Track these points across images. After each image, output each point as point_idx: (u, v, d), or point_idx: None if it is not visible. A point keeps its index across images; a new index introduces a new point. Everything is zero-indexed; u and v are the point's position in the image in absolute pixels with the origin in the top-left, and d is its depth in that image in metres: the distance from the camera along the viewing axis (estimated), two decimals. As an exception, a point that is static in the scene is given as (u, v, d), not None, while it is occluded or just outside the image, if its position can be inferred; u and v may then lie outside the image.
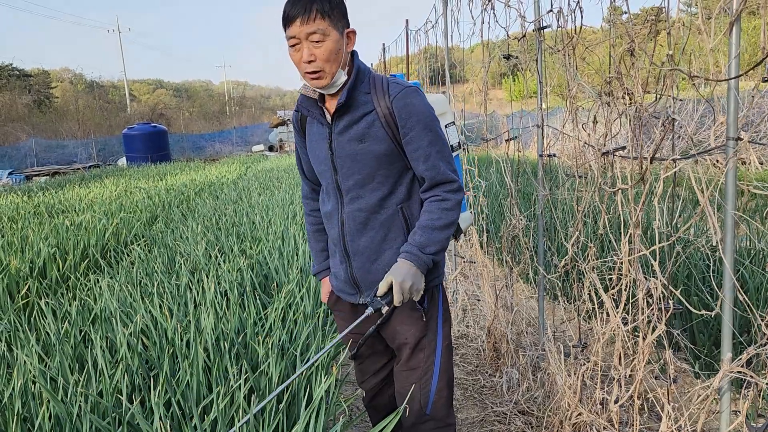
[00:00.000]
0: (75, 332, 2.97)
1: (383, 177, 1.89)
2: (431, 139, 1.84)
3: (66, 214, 7.97)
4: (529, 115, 3.94)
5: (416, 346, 2.00)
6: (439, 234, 1.84)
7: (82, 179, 15.32)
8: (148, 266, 4.53)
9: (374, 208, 1.92)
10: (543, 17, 2.72)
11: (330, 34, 1.75)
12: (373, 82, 1.87)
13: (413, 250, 1.83)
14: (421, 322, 1.98)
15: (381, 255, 1.94)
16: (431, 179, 1.86)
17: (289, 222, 5.79)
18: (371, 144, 1.85)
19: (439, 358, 2.02)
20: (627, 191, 1.98)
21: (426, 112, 1.84)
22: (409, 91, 1.83)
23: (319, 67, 1.77)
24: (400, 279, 1.79)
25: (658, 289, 1.87)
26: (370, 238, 1.94)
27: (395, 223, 1.93)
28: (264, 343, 2.62)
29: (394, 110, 1.81)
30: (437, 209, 1.85)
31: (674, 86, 1.88)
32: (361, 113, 1.85)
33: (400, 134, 1.84)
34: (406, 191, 1.93)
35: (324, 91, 1.85)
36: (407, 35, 7.00)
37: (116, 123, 34.12)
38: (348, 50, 1.83)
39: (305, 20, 1.72)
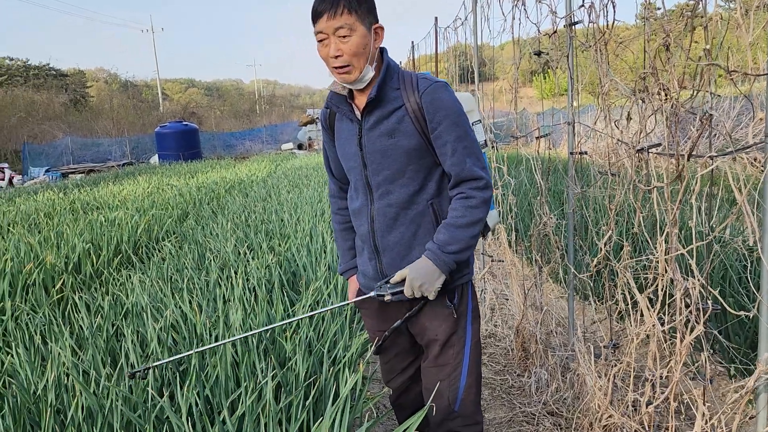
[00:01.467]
0: (107, 326, 3.03)
1: (413, 172, 1.89)
2: (459, 134, 1.83)
3: (100, 210, 8.13)
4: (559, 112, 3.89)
5: (446, 343, 1.99)
6: (462, 232, 1.83)
7: (115, 177, 15.63)
8: (178, 262, 4.59)
9: (404, 204, 1.91)
10: (574, 13, 2.68)
11: (357, 29, 1.75)
12: (402, 78, 1.88)
13: (434, 249, 1.83)
14: (451, 319, 1.97)
15: (411, 251, 1.94)
16: (457, 175, 1.85)
17: (317, 220, 5.81)
18: (401, 139, 1.85)
19: (468, 354, 2.01)
20: (662, 189, 1.93)
21: (454, 108, 1.84)
22: (438, 86, 1.83)
23: (346, 62, 1.77)
24: (412, 275, 1.81)
25: (696, 289, 1.82)
26: (400, 233, 1.94)
27: (425, 218, 1.92)
28: (291, 340, 2.63)
29: (423, 105, 1.81)
30: (461, 207, 1.84)
31: (712, 82, 1.83)
32: (391, 108, 1.86)
33: (428, 129, 1.84)
34: (436, 187, 1.92)
35: (352, 86, 1.86)
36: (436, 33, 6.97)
37: (149, 121, 34.72)
38: (376, 46, 1.84)
39: (332, 15, 1.73)
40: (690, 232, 1.89)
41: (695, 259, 1.78)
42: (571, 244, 2.95)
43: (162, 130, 24.24)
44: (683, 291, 1.82)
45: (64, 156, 25.30)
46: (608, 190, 2.40)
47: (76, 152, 25.97)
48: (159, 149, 24.07)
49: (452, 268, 1.85)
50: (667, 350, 1.98)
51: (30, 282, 4.28)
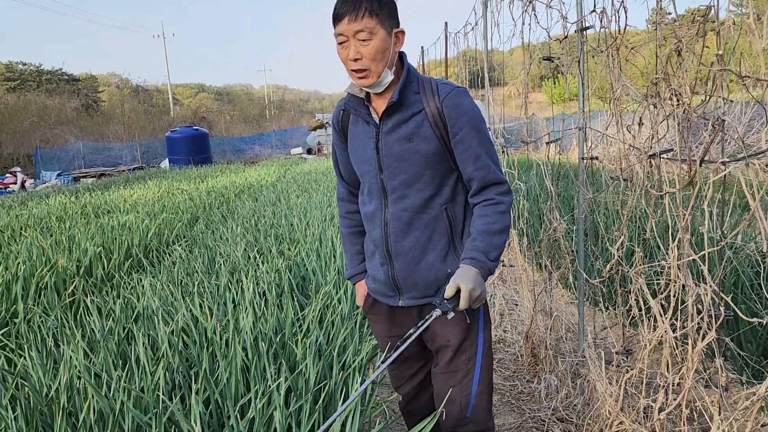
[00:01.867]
0: (119, 329, 3.05)
1: (430, 177, 1.89)
2: (481, 139, 1.84)
3: (111, 214, 8.18)
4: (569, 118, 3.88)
5: (458, 349, 1.98)
6: (498, 238, 1.84)
7: (126, 181, 15.73)
8: (189, 266, 4.62)
9: (419, 209, 1.91)
10: (585, 18, 2.68)
11: (377, 32, 1.75)
12: (422, 82, 1.88)
13: (479, 257, 1.81)
14: (464, 324, 1.96)
15: (425, 256, 1.93)
16: (482, 179, 1.86)
17: (326, 224, 5.82)
18: (419, 143, 1.85)
19: (479, 360, 1.99)
20: (674, 195, 1.92)
21: (476, 113, 1.85)
22: (459, 92, 1.84)
23: (365, 66, 1.78)
24: (470, 286, 1.75)
25: (708, 296, 1.81)
26: (415, 238, 1.93)
27: (439, 224, 1.92)
28: (301, 344, 2.64)
29: (444, 110, 1.82)
30: (493, 213, 1.85)
31: (724, 87, 1.82)
32: (411, 113, 1.86)
33: (449, 134, 1.84)
34: (451, 192, 1.93)
35: (370, 90, 1.86)
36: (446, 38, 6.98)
37: (160, 126, 34.91)
38: (396, 50, 1.84)
39: (353, 18, 1.73)
40: (702, 238, 1.88)
41: (707, 265, 1.77)
42: (582, 249, 2.94)
43: (172, 134, 24.37)
44: (695, 297, 1.81)
45: (75, 160, 25.49)
46: (620, 195, 2.39)
47: (87, 156, 26.16)
48: (169, 153, 24.20)
49: (492, 273, 1.86)
50: (679, 357, 1.97)
51: (42, 285, 4.31)
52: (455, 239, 1.94)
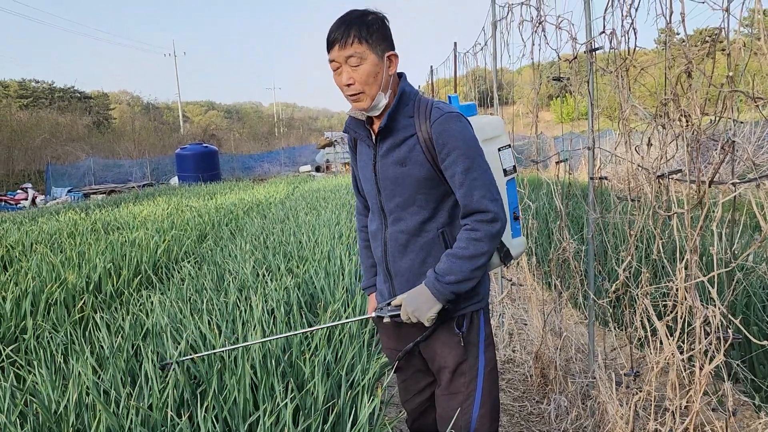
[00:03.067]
0: (128, 346, 3.05)
1: (423, 201, 1.90)
2: (467, 166, 1.82)
3: (121, 231, 8.23)
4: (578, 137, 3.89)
5: (456, 371, 1.98)
6: (463, 264, 1.81)
7: (136, 197, 15.83)
8: (197, 283, 4.63)
9: (415, 231, 1.93)
10: (595, 39, 2.70)
11: (367, 57, 1.79)
12: (418, 105, 1.89)
13: (431, 276, 1.84)
14: (460, 347, 1.95)
15: (420, 278, 1.94)
16: (465, 207, 1.85)
17: (335, 242, 5.82)
18: (411, 168, 1.87)
19: (480, 383, 1.98)
20: (683, 216, 1.92)
21: (464, 139, 1.82)
22: (450, 117, 1.82)
23: (358, 90, 1.82)
24: (407, 301, 1.85)
25: (717, 318, 1.80)
26: (410, 260, 1.95)
27: (435, 246, 1.93)
28: (310, 362, 2.63)
29: (433, 135, 1.82)
30: (465, 238, 1.83)
31: (734, 108, 1.83)
32: (403, 137, 1.88)
33: (438, 159, 1.84)
34: (448, 216, 1.93)
35: (366, 113, 1.89)
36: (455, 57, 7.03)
37: (170, 143, 35.23)
38: (390, 73, 1.86)
39: (343, 45, 1.78)
40: (711, 259, 1.88)
41: (716, 287, 1.76)
42: (592, 269, 2.93)
43: (182, 151, 24.56)
44: (703, 319, 1.80)
45: (86, 177, 25.72)
46: (628, 215, 2.39)
47: (98, 173, 26.40)
48: (179, 170, 24.37)
49: (449, 298, 1.83)
50: (687, 379, 1.96)
51: (52, 301, 4.33)
52: None
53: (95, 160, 27.12)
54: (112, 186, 24.18)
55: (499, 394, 2.10)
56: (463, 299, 1.91)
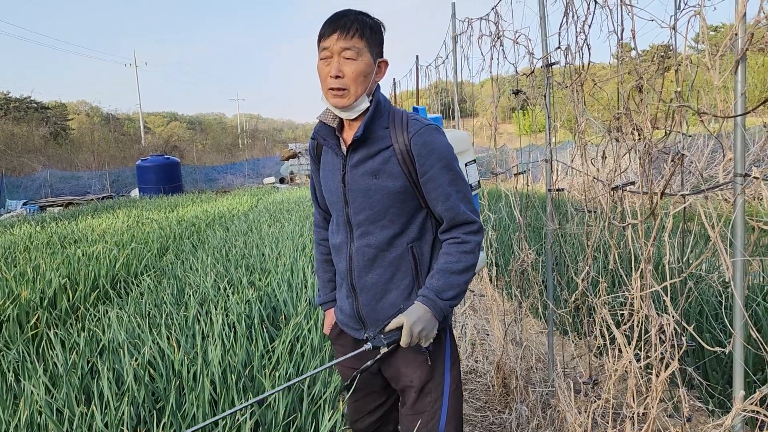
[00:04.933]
0: (83, 363, 2.97)
1: (394, 215, 1.84)
2: (451, 178, 1.79)
3: (78, 244, 8.02)
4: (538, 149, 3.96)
5: (422, 390, 1.93)
6: (457, 278, 1.79)
7: (95, 210, 15.47)
8: (157, 297, 4.54)
9: (383, 246, 1.86)
10: (551, 54, 2.75)
11: (364, 55, 1.74)
12: (393, 117, 1.84)
13: (430, 295, 1.77)
14: (426, 366, 1.91)
15: (387, 294, 1.89)
16: (450, 220, 1.81)
17: (298, 254, 5.79)
18: (385, 180, 1.81)
19: (446, 402, 1.94)
20: (637, 226, 1.97)
21: (446, 151, 1.80)
22: (430, 129, 1.79)
23: (344, 85, 1.75)
24: (412, 321, 1.73)
25: (671, 326, 1.84)
26: (377, 275, 1.89)
27: (404, 262, 1.87)
28: (271, 377, 2.61)
29: (412, 148, 1.77)
30: (456, 252, 1.80)
31: (683, 122, 1.89)
32: (378, 148, 1.81)
33: (417, 172, 1.79)
34: (418, 231, 1.88)
35: (343, 113, 1.81)
36: (417, 70, 7.09)
37: (130, 155, 34.61)
38: (377, 79, 1.82)
39: (343, 35, 1.72)
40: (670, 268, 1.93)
41: (670, 296, 1.81)
42: (550, 279, 2.97)
43: (143, 163, 24.15)
44: (658, 327, 1.84)
45: (42, 189, 25.05)
46: (585, 226, 2.44)
47: (55, 185, 25.74)
48: (140, 183, 23.94)
49: (446, 314, 1.80)
50: (644, 387, 2.00)
51: (4, 318, 4.20)
52: (420, 278, 1.88)
53: (52, 172, 26.46)
54: (70, 198, 23.59)
55: (462, 411, 2.09)
56: None
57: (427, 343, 1.79)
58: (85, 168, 29.98)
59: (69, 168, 30.08)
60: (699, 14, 1.73)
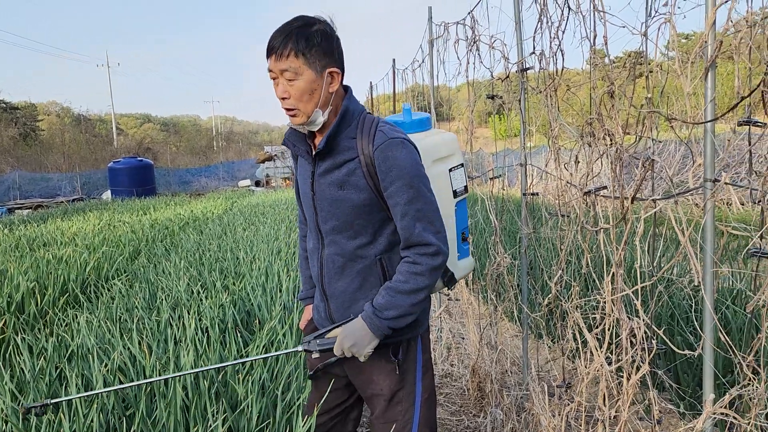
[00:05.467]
0: (51, 369, 2.90)
1: (360, 227, 1.81)
2: (410, 196, 1.73)
3: (47, 247, 7.86)
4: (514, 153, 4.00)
5: (392, 399, 1.91)
6: (403, 298, 1.74)
7: (65, 212, 15.19)
8: (128, 302, 4.47)
9: (351, 256, 1.84)
10: (526, 59, 2.78)
11: (303, 73, 1.68)
12: (362, 126, 1.78)
13: (370, 312, 1.75)
14: (395, 375, 1.89)
15: (355, 303, 1.87)
16: (405, 240, 1.77)
17: (273, 258, 5.75)
18: (350, 192, 1.77)
19: (417, 411, 1.92)
20: (609, 230, 1.99)
21: (408, 167, 1.73)
22: (393, 143, 1.72)
23: (292, 105, 1.72)
24: (344, 336, 1.76)
25: (641, 329, 1.86)
26: (345, 284, 1.87)
27: (372, 273, 1.84)
28: (244, 382, 2.57)
29: (375, 161, 1.72)
30: (406, 271, 1.76)
31: (654, 128, 1.91)
32: (343, 159, 1.77)
33: (381, 186, 1.75)
34: (387, 242, 1.84)
35: (302, 129, 1.80)
36: (394, 74, 7.10)
37: (102, 157, 34.09)
38: (330, 90, 1.74)
39: (279, 57, 1.68)
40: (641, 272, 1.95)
41: (640, 299, 1.83)
42: (525, 283, 2.99)
43: (115, 165, 23.80)
44: (629, 330, 1.86)
45: (11, 191, 24.54)
46: (559, 230, 2.46)
47: (24, 187, 25.24)
48: (111, 185, 23.58)
49: (387, 333, 1.77)
50: (615, 390, 2.02)
51: (-31, 323, 4.09)
52: None
53: (21, 174, 25.93)
54: (39, 200, 23.14)
55: (436, 420, 2.06)
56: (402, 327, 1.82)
57: (362, 358, 1.78)
58: (56, 170, 29.45)
59: (39, 170, 29.52)
60: (669, 21, 1.76)
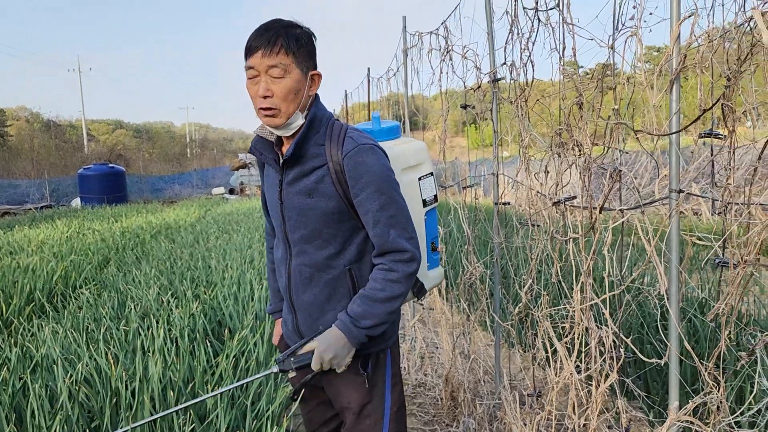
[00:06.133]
0: (14, 380, 2.83)
1: (329, 235, 1.77)
2: (382, 203, 1.70)
3: (14, 255, 7.69)
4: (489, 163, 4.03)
5: (360, 413, 1.88)
6: (379, 307, 1.71)
7: (32, 220, 14.88)
8: (96, 311, 4.38)
9: (320, 266, 1.80)
10: (497, 69, 2.80)
11: (292, 71, 1.66)
12: (330, 132, 1.75)
13: (347, 321, 1.72)
14: (364, 388, 1.86)
15: (324, 314, 1.83)
16: (380, 247, 1.74)
17: (246, 267, 5.69)
18: (319, 200, 1.74)
19: (386, 425, 1.89)
20: (578, 240, 2.01)
21: (379, 173, 1.71)
22: (363, 149, 1.70)
23: (274, 104, 1.68)
24: (323, 348, 1.71)
25: (610, 338, 1.88)
26: (313, 295, 1.83)
27: (341, 284, 1.81)
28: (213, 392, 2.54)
29: (345, 168, 1.69)
30: (381, 279, 1.73)
31: (621, 139, 1.94)
32: (312, 166, 1.74)
33: (351, 193, 1.72)
34: (357, 252, 1.81)
35: (277, 132, 1.76)
36: (368, 82, 7.12)
37: (72, 163, 33.43)
38: (310, 93, 1.74)
39: (267, 52, 1.64)
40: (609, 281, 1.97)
41: (608, 308, 1.85)
42: (497, 292, 3.01)
43: (85, 172, 23.37)
44: (597, 339, 1.88)
45: (-23, 197, 23.98)
46: (530, 240, 2.48)
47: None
48: (81, 192, 23.13)
49: (363, 341, 1.74)
50: (585, 398, 2.03)
51: (-71, 333, 3.97)
52: None
53: (-13, 180, 25.35)
54: (6, 207, 22.63)
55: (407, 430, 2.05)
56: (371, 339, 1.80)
57: (340, 369, 1.74)
58: (24, 176, 28.80)
59: (6, 176, 28.86)
60: (635, 35, 1.79)
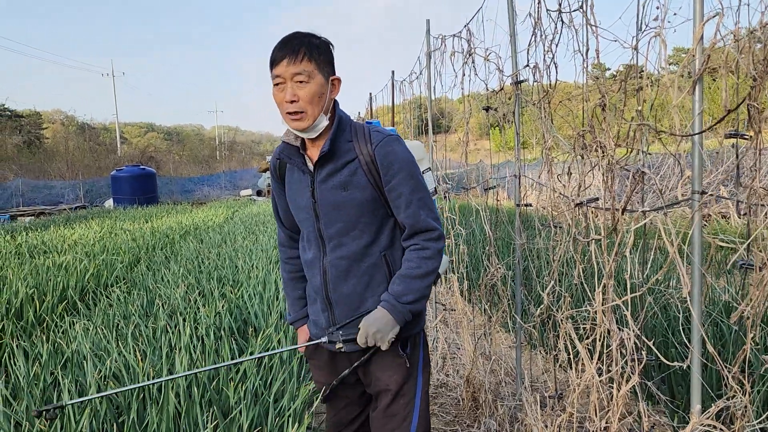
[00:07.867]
0: (45, 375, 2.91)
1: (365, 225, 1.91)
2: (413, 186, 1.87)
3: (48, 254, 7.88)
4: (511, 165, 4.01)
5: (398, 393, 1.99)
6: (418, 283, 1.87)
7: (67, 220, 15.23)
8: (126, 309, 4.48)
9: (357, 256, 1.93)
10: (520, 72, 2.80)
11: (315, 77, 1.80)
12: (355, 130, 1.92)
13: (390, 299, 1.86)
14: (404, 369, 1.98)
15: (364, 303, 1.94)
16: (411, 227, 1.89)
17: (272, 267, 5.76)
18: (354, 192, 1.88)
19: (418, 404, 2.01)
20: (600, 242, 2.00)
21: (408, 160, 1.88)
22: (391, 139, 1.88)
23: (301, 108, 1.80)
24: (368, 322, 1.85)
25: (631, 340, 1.87)
26: (352, 285, 1.94)
27: (378, 270, 1.94)
28: (237, 389, 2.58)
29: (377, 158, 1.85)
30: (416, 258, 1.88)
31: (644, 140, 1.93)
32: (344, 161, 1.89)
33: (382, 181, 1.87)
34: (389, 238, 1.95)
35: (304, 134, 1.87)
36: (393, 85, 7.14)
37: (105, 165, 34.11)
38: (332, 96, 1.89)
39: (292, 60, 1.78)
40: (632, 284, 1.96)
41: (630, 310, 1.84)
42: (519, 294, 3.00)
43: (118, 173, 23.83)
44: (619, 341, 1.87)
45: (13, 198, 24.59)
46: (552, 241, 2.47)
47: (27, 194, 25.28)
48: (114, 193, 23.60)
49: (408, 318, 1.88)
50: (606, 401, 2.02)
51: (-34, 328, 4.10)
52: None
53: (24, 181, 25.96)
54: (42, 208, 23.18)
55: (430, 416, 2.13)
56: (410, 321, 1.93)
57: (384, 346, 1.86)
58: (59, 177, 29.51)
59: (42, 177, 29.58)
60: (659, 35, 1.78)
